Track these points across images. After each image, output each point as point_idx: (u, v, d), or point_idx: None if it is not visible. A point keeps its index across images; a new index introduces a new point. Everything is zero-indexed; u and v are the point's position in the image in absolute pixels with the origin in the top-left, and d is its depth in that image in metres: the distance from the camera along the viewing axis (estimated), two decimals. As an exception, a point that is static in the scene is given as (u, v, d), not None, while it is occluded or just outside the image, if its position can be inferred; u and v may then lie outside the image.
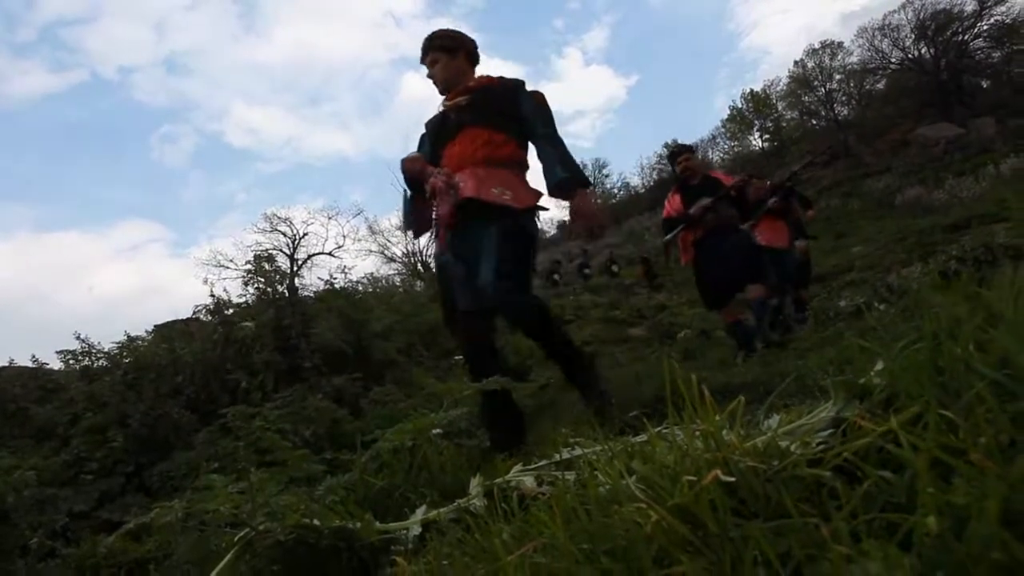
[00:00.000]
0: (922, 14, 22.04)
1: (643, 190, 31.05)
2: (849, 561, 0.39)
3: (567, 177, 1.96)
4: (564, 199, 2.01)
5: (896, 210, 13.75)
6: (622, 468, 0.64)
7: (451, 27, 2.26)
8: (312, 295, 4.93)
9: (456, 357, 4.48)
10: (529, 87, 2.13)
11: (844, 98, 25.25)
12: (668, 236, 4.14)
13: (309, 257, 17.78)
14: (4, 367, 4.49)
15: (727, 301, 3.84)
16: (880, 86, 24.70)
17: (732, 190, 3.90)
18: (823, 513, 0.49)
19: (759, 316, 3.86)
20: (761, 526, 0.47)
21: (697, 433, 0.61)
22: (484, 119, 2.05)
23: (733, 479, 0.50)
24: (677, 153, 4.25)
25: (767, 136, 27.89)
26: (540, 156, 2.05)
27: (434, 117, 2.24)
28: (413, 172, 2.10)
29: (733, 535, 0.48)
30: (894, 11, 22.82)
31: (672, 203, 4.10)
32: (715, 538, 0.49)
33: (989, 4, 20.97)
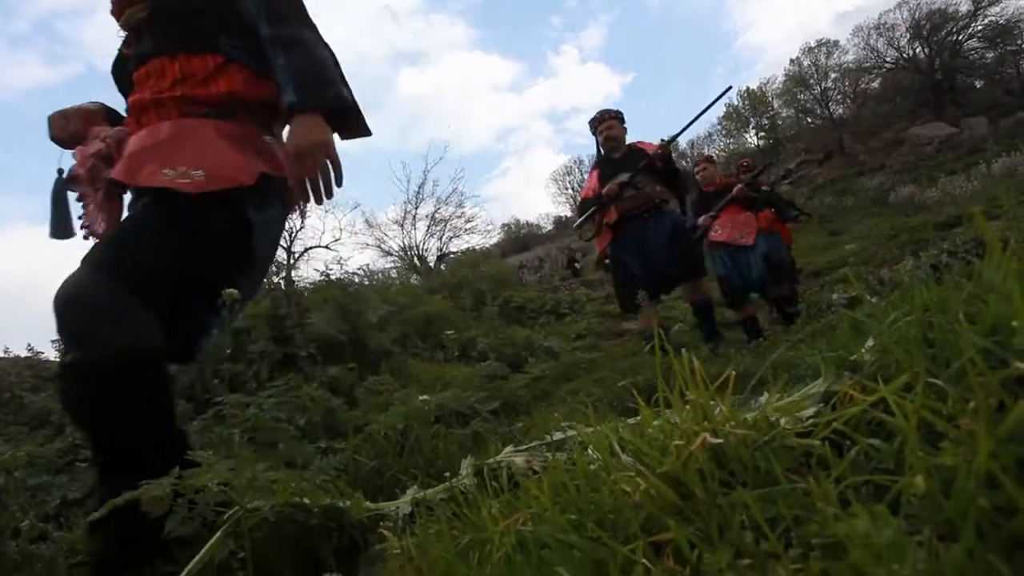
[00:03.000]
0: (917, 14, 22.14)
1: (639, 186, 31.05)
2: (836, 520, 0.39)
3: (294, 100, 1.13)
4: None
5: (889, 208, 13.84)
6: (613, 440, 0.64)
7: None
8: (310, 284, 4.92)
9: (448, 333, 4.42)
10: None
11: (839, 96, 25.36)
12: (578, 221, 3.45)
13: (306, 250, 17.67)
14: (1, 357, 4.46)
15: (649, 298, 3.09)
16: (875, 85, 24.81)
17: (656, 160, 3.12)
18: (812, 481, 0.49)
19: (704, 317, 3.26)
20: (750, 492, 0.48)
21: (687, 406, 0.61)
22: (173, 38, 1.20)
23: (720, 441, 0.49)
24: (599, 120, 3.39)
25: (763, 134, 27.95)
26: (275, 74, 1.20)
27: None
28: (62, 138, 1.27)
29: (720, 502, 0.48)
30: (890, 10, 22.92)
31: (590, 181, 3.41)
32: (703, 505, 0.49)
33: (983, 5, 21.07)
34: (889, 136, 21.68)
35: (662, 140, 3.24)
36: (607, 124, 3.36)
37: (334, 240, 17.50)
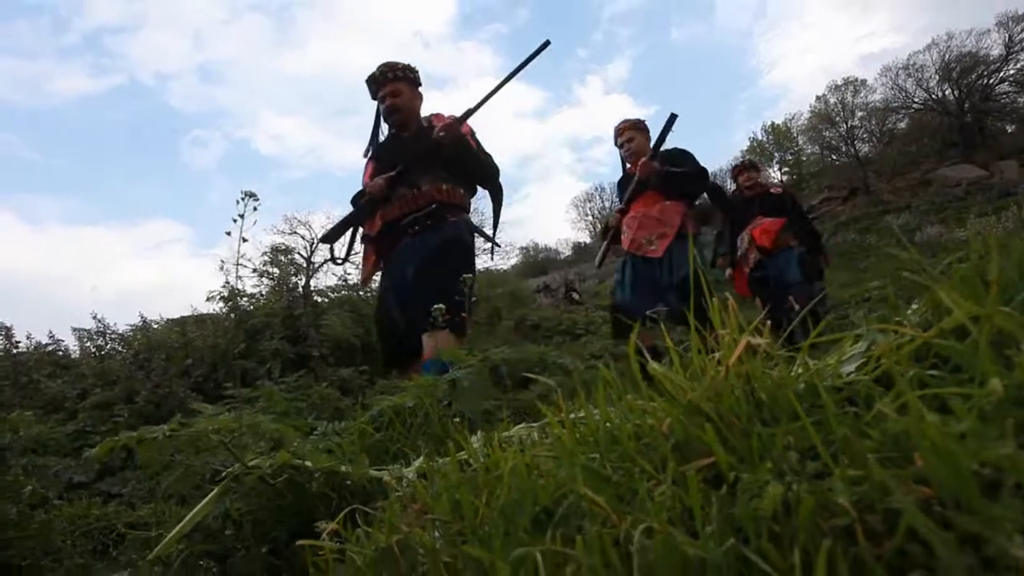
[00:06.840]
0: (947, 56, 22.08)
1: (659, 216, 31.07)
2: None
3: None
4: None
5: (915, 247, 13.57)
6: (644, 390, 0.60)
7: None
8: (326, 288, 4.96)
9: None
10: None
11: (865, 135, 25.23)
12: (322, 235, 2.39)
13: (325, 261, 17.83)
14: (22, 349, 4.52)
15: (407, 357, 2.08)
16: (902, 125, 24.66)
17: (440, 141, 2.01)
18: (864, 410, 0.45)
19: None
20: (799, 423, 0.43)
21: (717, 350, 0.56)
22: None
23: (762, 343, 0.45)
24: (379, 80, 2.17)
25: (786, 169, 27.86)
26: None
27: None
28: None
29: (760, 430, 0.44)
30: (919, 51, 22.92)
31: (366, 174, 2.26)
32: (738, 433, 0.44)
33: (1016, 49, 20.96)
34: (916, 176, 21.42)
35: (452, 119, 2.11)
36: (391, 88, 2.15)
37: (354, 252, 17.58)
